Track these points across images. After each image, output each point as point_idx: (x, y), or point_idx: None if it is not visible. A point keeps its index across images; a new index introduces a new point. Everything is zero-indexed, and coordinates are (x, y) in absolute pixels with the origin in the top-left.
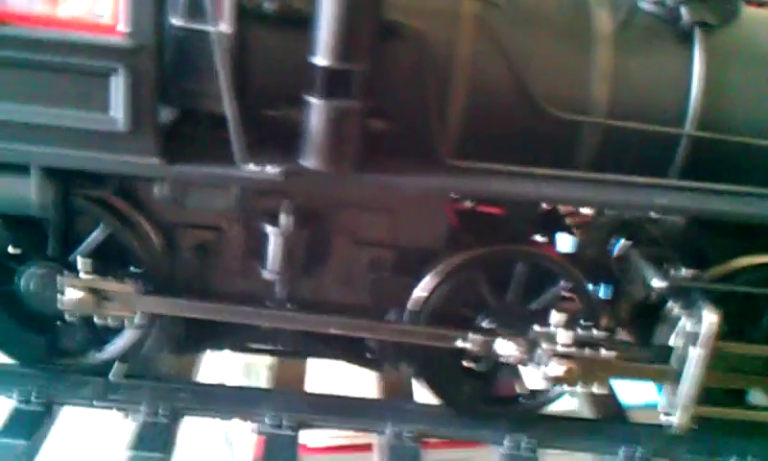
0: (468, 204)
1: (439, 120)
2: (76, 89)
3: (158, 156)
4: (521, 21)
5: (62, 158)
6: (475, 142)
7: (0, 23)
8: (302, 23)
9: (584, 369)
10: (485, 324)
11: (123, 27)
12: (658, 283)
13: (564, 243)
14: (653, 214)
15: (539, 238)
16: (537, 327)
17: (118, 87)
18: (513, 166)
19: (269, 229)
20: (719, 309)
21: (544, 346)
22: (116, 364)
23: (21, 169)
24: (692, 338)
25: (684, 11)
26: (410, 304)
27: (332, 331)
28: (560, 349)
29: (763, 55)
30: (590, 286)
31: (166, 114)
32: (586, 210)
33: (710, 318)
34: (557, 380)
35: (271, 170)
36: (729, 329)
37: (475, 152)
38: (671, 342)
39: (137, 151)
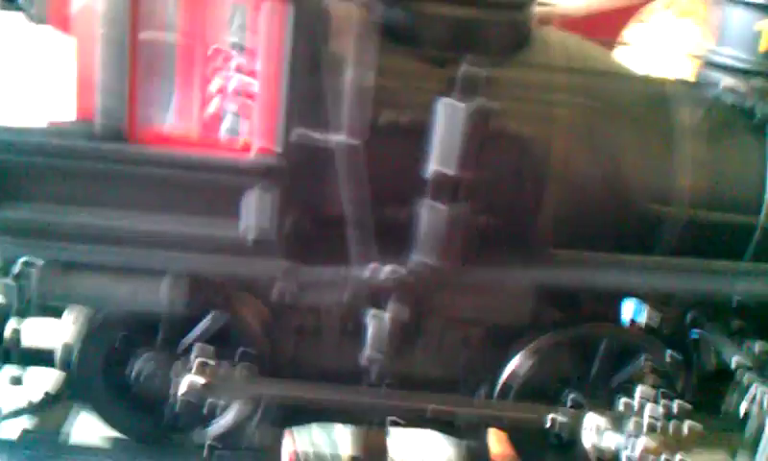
0: None
1: (536, 214)
2: (212, 202)
3: (285, 258)
4: (608, 117)
5: (200, 264)
6: (568, 233)
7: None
8: (423, 133)
9: (672, 440)
10: (571, 398)
11: (259, 148)
12: (738, 360)
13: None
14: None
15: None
16: (625, 400)
17: (251, 200)
18: (604, 254)
19: (373, 313)
20: None
21: (634, 419)
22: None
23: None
24: None
25: (759, 105)
26: (501, 380)
27: (430, 411)
28: (649, 421)
29: None
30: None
31: (298, 216)
32: None
33: None
34: (648, 452)
35: (391, 270)
36: None
37: (568, 242)
38: (742, 410)
39: (266, 255)
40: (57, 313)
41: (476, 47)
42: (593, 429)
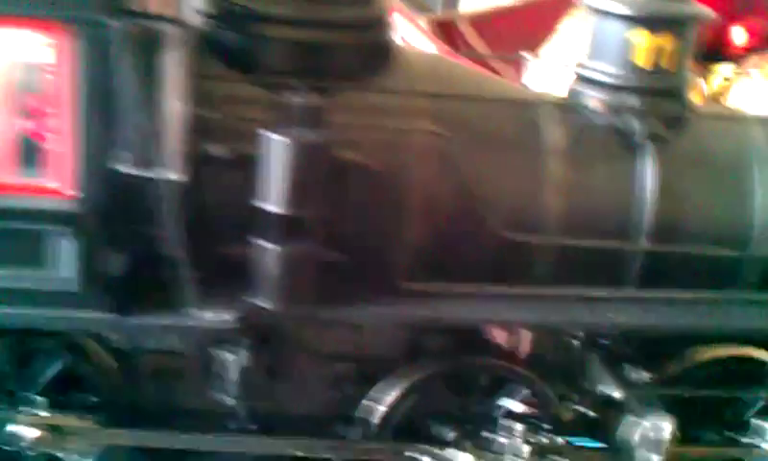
0: None
1: (395, 248)
2: (27, 250)
3: (111, 310)
4: (473, 144)
5: (16, 319)
6: (433, 266)
7: None
8: (254, 167)
9: None
10: (448, 433)
11: (71, 192)
12: (616, 394)
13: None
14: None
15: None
16: (500, 439)
17: (68, 248)
18: (469, 287)
19: (226, 356)
20: (675, 413)
21: (508, 458)
22: None
23: None
24: (650, 444)
25: (636, 124)
26: (374, 418)
27: (296, 454)
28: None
29: (712, 162)
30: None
31: (119, 261)
32: None
33: (665, 426)
34: None
35: (226, 317)
36: (690, 424)
37: (434, 275)
38: (633, 443)
39: (90, 307)
40: None
41: (324, 72)
42: None
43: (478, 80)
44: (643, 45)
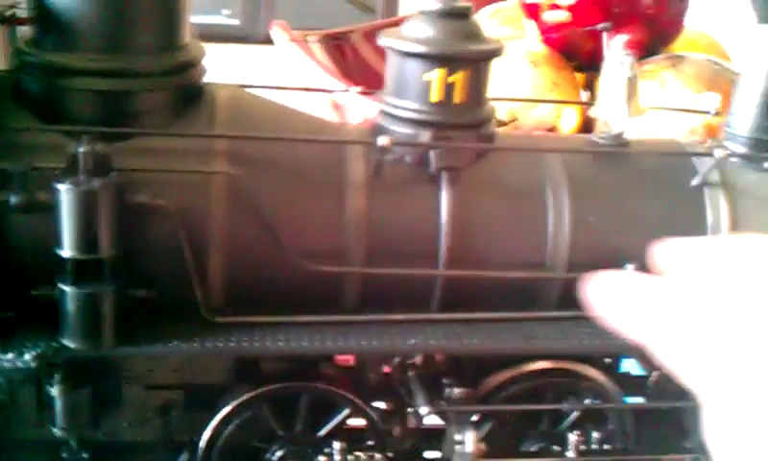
0: None
1: (200, 283)
2: None
3: None
4: (276, 177)
5: None
6: (243, 301)
7: None
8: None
9: None
10: (276, 455)
11: None
12: (424, 410)
13: None
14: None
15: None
16: (320, 458)
17: None
18: (278, 318)
19: (51, 389)
20: (485, 426)
21: None
22: None
23: None
24: (459, 456)
25: (432, 156)
26: (201, 443)
27: None
28: None
29: (507, 190)
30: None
31: None
32: None
33: (468, 439)
34: None
35: (26, 357)
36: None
37: (243, 309)
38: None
39: None
40: None
41: (124, 119)
42: None
43: (284, 117)
44: (437, 83)
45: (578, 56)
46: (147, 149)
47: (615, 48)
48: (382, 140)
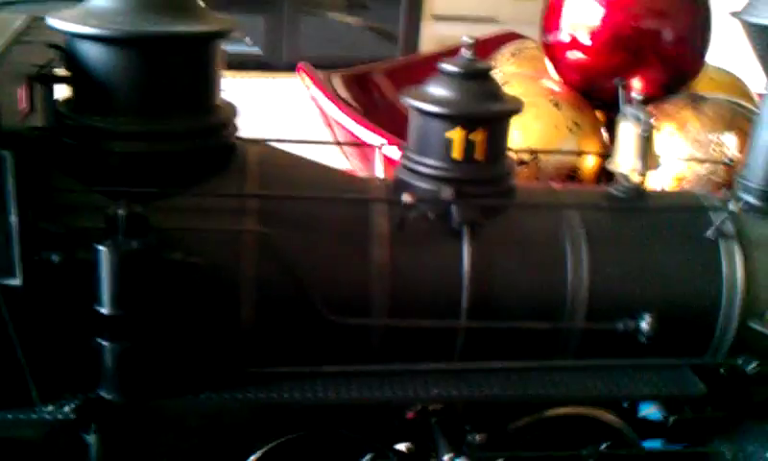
0: None
1: (231, 336)
2: None
3: None
4: (300, 236)
5: None
6: (271, 351)
7: None
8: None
9: None
10: None
11: None
12: (446, 457)
13: None
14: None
15: None
16: None
17: None
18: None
19: (88, 437)
20: None
21: None
22: None
23: None
24: None
25: (453, 210)
26: None
27: None
28: None
29: (527, 244)
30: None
31: None
32: None
33: None
34: None
35: (66, 409)
36: None
37: (274, 362)
38: None
39: None
40: None
41: (157, 180)
42: None
43: (312, 173)
44: (457, 141)
45: (598, 95)
46: (182, 208)
47: (631, 102)
48: (406, 198)
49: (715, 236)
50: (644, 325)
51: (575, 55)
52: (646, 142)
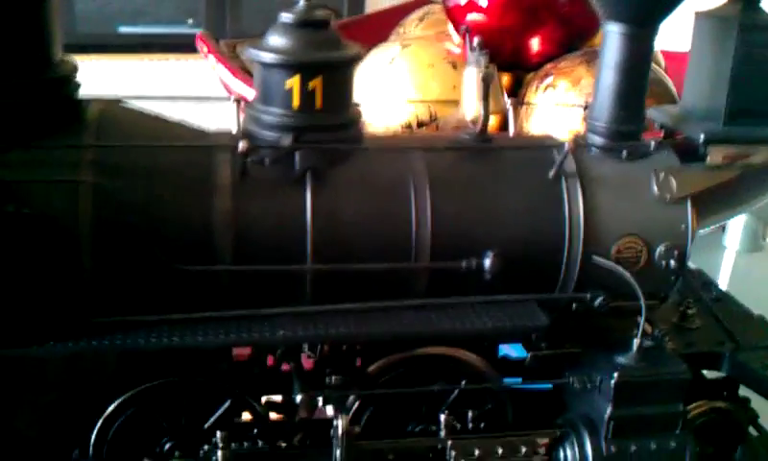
0: None
1: (72, 286)
2: None
3: None
4: (140, 187)
5: None
6: (117, 301)
7: None
8: None
9: None
10: (168, 445)
11: None
12: (298, 398)
13: None
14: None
15: None
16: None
17: None
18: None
19: None
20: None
21: None
22: None
23: None
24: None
25: (297, 157)
26: (92, 440)
27: None
28: None
29: (371, 184)
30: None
31: None
32: None
33: (339, 422)
34: None
35: None
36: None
37: (117, 309)
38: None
39: None
40: None
41: None
42: None
43: (154, 126)
44: (296, 89)
45: (499, 56)
46: (18, 161)
47: (473, 49)
48: (242, 145)
49: (557, 175)
50: (487, 262)
51: (473, 16)
52: (486, 84)
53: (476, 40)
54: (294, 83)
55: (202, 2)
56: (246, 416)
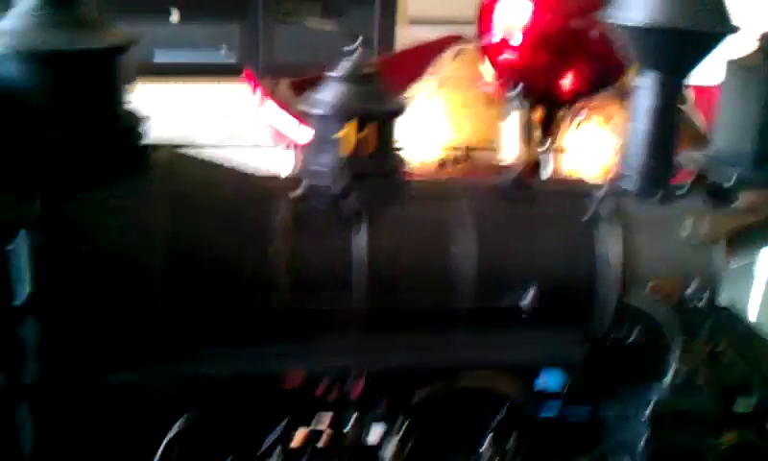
0: None
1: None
2: None
3: None
4: (209, 226)
5: None
6: (187, 334)
7: None
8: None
9: None
10: None
11: None
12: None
13: None
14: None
15: None
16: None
17: None
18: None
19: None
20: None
21: None
22: None
23: None
24: None
25: (349, 201)
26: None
27: None
28: None
29: (416, 227)
30: None
31: None
32: None
33: (390, 445)
34: None
35: None
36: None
37: (190, 342)
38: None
39: None
40: None
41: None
42: None
43: (215, 171)
44: (347, 138)
45: (531, 93)
46: (93, 205)
47: (512, 95)
48: (296, 193)
49: (593, 218)
50: (526, 301)
51: (507, 55)
52: (527, 129)
53: (519, 87)
54: (346, 132)
55: (236, 30)
56: (296, 440)
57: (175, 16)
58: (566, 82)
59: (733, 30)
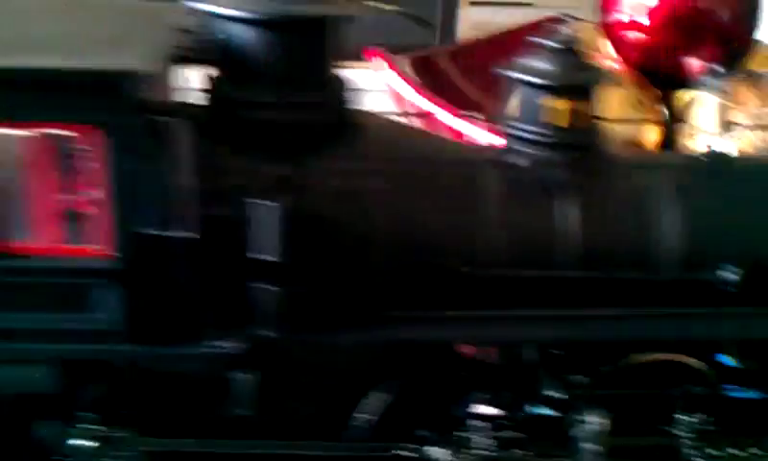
0: None
1: (367, 283)
2: (74, 300)
3: (146, 343)
4: (420, 193)
5: (72, 353)
6: (399, 296)
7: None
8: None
9: None
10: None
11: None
12: (555, 395)
13: None
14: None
15: None
16: (471, 436)
17: (110, 296)
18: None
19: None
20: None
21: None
22: None
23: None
24: (589, 436)
25: (558, 174)
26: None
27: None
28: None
29: (623, 202)
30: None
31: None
32: None
33: (599, 420)
34: None
35: (238, 344)
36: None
37: (402, 303)
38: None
39: (129, 341)
40: None
41: (294, 147)
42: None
43: (425, 141)
44: (563, 110)
45: (657, 74)
46: (319, 170)
47: (706, 74)
48: (520, 160)
49: None
50: (732, 275)
51: (634, 34)
52: (722, 109)
53: (716, 67)
54: (559, 103)
55: None
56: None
57: None
58: (692, 62)
59: None
